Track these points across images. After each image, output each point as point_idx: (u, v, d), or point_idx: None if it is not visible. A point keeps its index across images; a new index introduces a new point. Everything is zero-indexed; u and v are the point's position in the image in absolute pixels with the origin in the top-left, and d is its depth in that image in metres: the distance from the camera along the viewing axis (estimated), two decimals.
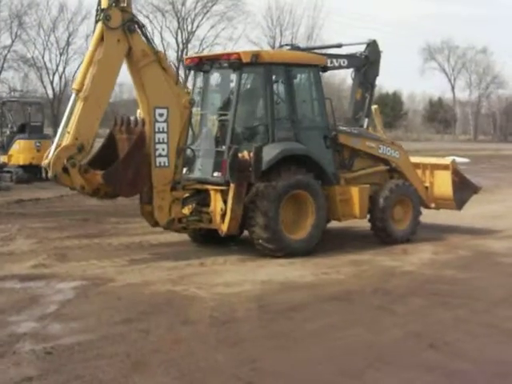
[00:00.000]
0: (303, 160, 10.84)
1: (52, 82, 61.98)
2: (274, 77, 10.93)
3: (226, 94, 11.30)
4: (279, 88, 11.17)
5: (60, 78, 62.26)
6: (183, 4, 63.39)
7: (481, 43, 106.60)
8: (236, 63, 10.56)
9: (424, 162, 13.18)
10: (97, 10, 9.84)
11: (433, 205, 12.99)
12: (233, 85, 11.02)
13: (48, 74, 61.72)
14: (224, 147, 10.53)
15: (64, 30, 61.46)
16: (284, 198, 10.44)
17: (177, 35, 63.76)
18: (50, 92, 61.70)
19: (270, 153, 10.38)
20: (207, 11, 63.80)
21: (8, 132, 23.01)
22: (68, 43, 61.38)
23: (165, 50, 60.79)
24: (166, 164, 10.12)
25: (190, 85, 11.90)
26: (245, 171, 10.08)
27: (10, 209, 15.74)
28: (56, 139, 9.73)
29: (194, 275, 9.27)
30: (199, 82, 11.51)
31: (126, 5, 9.84)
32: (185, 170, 10.74)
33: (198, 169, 10.98)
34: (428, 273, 9.73)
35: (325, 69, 11.76)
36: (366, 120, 15.10)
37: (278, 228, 10.32)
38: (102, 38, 9.70)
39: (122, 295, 8.16)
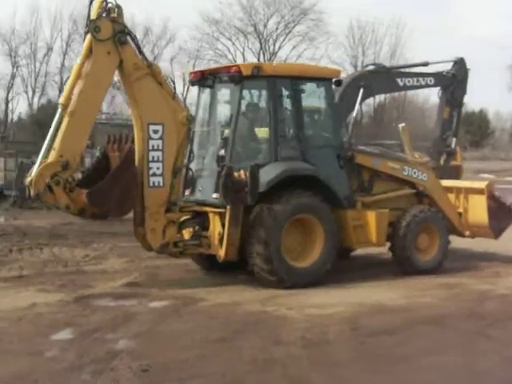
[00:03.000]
0: (311, 181, 9.99)
1: None
2: (278, 91, 10.08)
3: (229, 110, 10.51)
4: (284, 103, 10.26)
5: None
6: (265, 25, 64.04)
7: None
8: (236, 76, 9.85)
9: (457, 186, 12.10)
10: (87, 21, 9.34)
11: (467, 233, 11.92)
12: (234, 100, 10.24)
13: None
14: None
15: (149, 54, 63.24)
16: (286, 223, 9.63)
17: (259, 56, 64.45)
18: None
19: (270, 173, 9.62)
20: (289, 32, 64.12)
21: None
22: None
23: None
24: (161, 184, 9.52)
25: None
26: (240, 192, 9.29)
27: (101, 228, 16.19)
28: (40, 156, 9.15)
29: (282, 296, 9.26)
30: (203, 97, 10.86)
31: (116, 15, 9.30)
32: (187, 191, 10.26)
33: (198, 190, 10.32)
34: None
35: (338, 82, 10.66)
36: (454, 140, 14.84)
37: (280, 259, 9.52)
38: (91, 51, 9.19)
39: (214, 314, 8.25)
